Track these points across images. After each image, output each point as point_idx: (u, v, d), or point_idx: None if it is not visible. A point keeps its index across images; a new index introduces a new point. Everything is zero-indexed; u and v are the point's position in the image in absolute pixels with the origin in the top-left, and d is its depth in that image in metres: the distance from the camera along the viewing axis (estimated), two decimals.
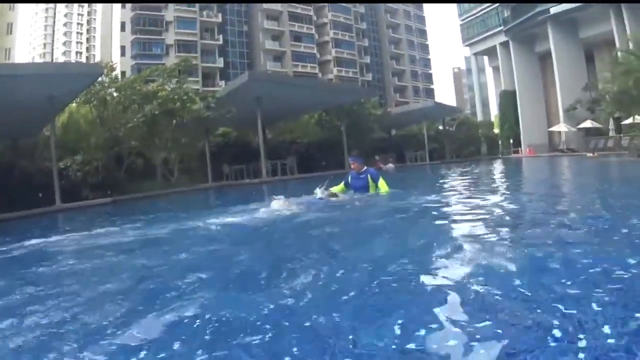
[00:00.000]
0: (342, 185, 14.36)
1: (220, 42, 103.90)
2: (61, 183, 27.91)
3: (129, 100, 35.30)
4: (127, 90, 35.54)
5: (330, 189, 13.73)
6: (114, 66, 38.16)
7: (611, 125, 59.45)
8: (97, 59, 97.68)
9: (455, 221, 9.44)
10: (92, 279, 6.41)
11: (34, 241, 10.89)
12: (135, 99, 35.15)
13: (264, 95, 37.34)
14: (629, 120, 50.20)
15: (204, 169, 41.15)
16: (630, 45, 48.31)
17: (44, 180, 27.39)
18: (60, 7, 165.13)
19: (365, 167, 14.34)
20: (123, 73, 68.14)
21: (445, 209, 11.84)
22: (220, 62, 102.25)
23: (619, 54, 50.45)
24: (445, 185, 21.06)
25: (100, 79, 32.87)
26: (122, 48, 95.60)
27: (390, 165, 46.24)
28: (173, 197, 29.37)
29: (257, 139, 40.51)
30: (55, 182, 26.55)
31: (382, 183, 13.91)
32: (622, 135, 54.45)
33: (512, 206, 11.56)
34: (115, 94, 35.55)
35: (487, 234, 7.27)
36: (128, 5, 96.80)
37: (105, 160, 31.82)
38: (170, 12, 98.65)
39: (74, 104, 35.88)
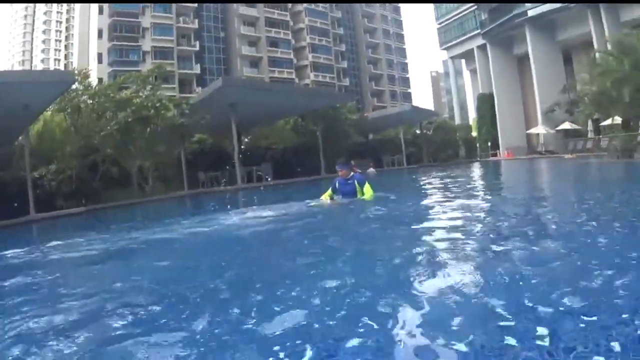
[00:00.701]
0: (329, 191, 15.20)
1: (197, 48, 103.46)
2: (36, 192, 27.85)
3: (102, 107, 34.91)
4: (100, 97, 35.13)
5: (321, 197, 15.27)
6: (88, 73, 37.65)
7: (590, 127, 59.60)
8: (75, 66, 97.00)
9: (427, 231, 9.22)
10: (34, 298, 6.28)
11: None
12: (108, 106, 34.81)
13: (239, 101, 37.18)
14: (608, 122, 50.34)
15: (180, 176, 40.86)
16: (609, 46, 48.45)
17: (19, 189, 27.04)
18: (39, 14, 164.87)
19: (352, 173, 14.95)
20: (100, 80, 67.70)
21: (417, 217, 11.89)
22: (197, 69, 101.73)
23: (597, 55, 50.55)
24: (420, 191, 21.02)
25: (74, 86, 32.57)
26: (99, 55, 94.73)
27: (372, 170, 46.21)
28: (147, 206, 29.20)
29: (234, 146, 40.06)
30: (29, 192, 26.37)
31: (367, 188, 14.56)
32: (601, 136, 54.58)
33: (479, 214, 11.47)
34: (89, 102, 35.07)
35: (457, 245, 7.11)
36: (105, 12, 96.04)
37: (79, 168, 31.48)
38: (147, 18, 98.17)
39: (48, 112, 35.50)
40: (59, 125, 37.39)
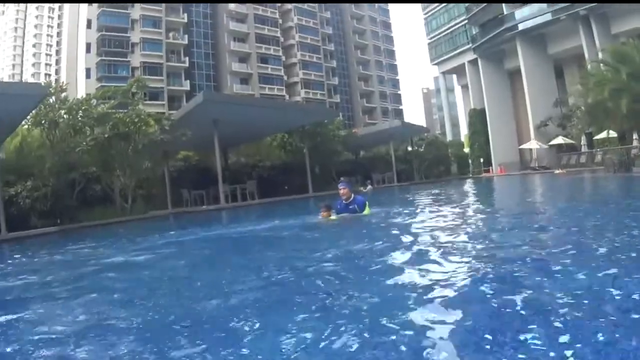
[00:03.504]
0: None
1: (187, 64, 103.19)
2: (10, 210, 27.01)
3: (79, 122, 33.75)
4: (77, 112, 33.95)
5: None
6: (65, 87, 36.49)
7: (583, 141, 58.82)
8: (64, 81, 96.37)
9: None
10: None
11: None
12: (85, 121, 33.66)
13: (222, 117, 36.14)
14: (603, 135, 49.62)
15: (165, 194, 39.90)
16: (600, 56, 48.06)
17: None
18: (30, 27, 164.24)
19: (353, 196, 15.09)
20: (88, 95, 67.01)
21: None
22: (186, 85, 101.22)
23: (589, 66, 50.13)
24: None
25: (50, 100, 31.60)
26: (88, 70, 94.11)
27: (369, 187, 46.29)
28: (123, 226, 27.99)
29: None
30: (0, 210, 25.16)
31: (367, 209, 14.86)
32: (596, 150, 53.92)
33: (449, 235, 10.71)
34: (65, 116, 33.91)
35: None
36: (94, 26, 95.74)
37: (57, 186, 30.29)
38: (137, 33, 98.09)
39: (25, 127, 34.60)
40: (38, 140, 36.47)
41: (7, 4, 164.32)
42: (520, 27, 70.22)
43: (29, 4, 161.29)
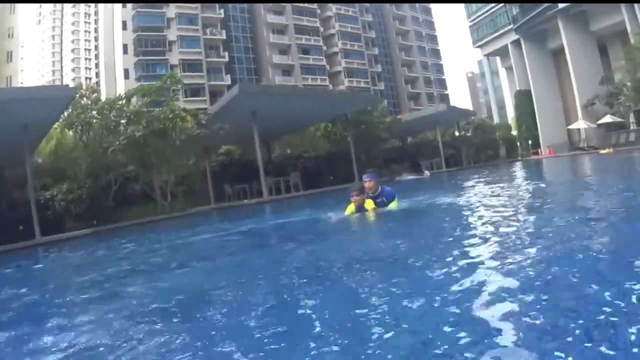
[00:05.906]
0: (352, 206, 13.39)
1: (227, 59, 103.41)
2: (46, 214, 27.05)
3: (112, 122, 33.38)
4: (110, 111, 33.60)
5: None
6: (96, 87, 36.32)
7: (632, 119, 57.43)
8: (102, 83, 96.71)
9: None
10: None
11: None
12: (117, 120, 33.31)
13: (260, 109, 35.40)
14: None
15: (207, 190, 39.55)
16: None
17: (29, 211, 25.64)
18: (67, 33, 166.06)
19: (380, 188, 13.41)
20: (119, 95, 67.11)
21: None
22: (227, 80, 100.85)
23: (632, 40, 48.97)
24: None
25: (82, 101, 31.39)
26: (126, 71, 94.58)
27: (427, 173, 47.33)
28: (160, 225, 27.16)
29: (262, 156, 38.28)
30: (33, 214, 25.23)
31: (394, 203, 13.25)
32: None
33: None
34: (98, 117, 33.57)
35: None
36: (129, 27, 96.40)
37: (92, 187, 29.97)
38: (173, 31, 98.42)
39: (58, 129, 34.46)
40: (72, 143, 36.36)
41: (43, 14, 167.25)
42: (560, 5, 69.03)
43: (64, 11, 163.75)
